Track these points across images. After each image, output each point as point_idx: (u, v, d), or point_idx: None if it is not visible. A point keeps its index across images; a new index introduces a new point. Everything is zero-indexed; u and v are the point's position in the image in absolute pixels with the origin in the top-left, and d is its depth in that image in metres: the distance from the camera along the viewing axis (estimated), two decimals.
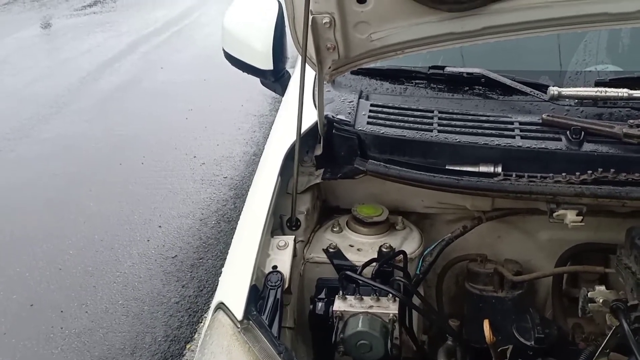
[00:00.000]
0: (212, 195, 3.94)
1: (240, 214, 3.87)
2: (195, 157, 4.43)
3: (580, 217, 1.32)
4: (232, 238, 3.64)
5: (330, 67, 1.41)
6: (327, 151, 1.55)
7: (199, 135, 4.76)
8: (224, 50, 2.06)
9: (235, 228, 3.74)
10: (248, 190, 4.10)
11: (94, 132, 4.87)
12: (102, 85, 5.89)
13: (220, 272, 3.28)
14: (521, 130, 1.43)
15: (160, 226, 3.61)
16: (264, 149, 1.80)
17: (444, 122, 1.50)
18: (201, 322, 2.89)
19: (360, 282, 1.31)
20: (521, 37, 1.29)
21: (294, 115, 1.43)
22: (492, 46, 1.37)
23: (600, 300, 1.28)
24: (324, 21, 1.30)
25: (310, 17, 1.27)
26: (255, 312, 1.18)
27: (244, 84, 4.28)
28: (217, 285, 3.30)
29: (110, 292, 3.06)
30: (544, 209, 1.41)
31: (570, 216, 1.32)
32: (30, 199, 3.93)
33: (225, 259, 3.47)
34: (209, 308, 3.02)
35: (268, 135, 4.95)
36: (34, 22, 8.58)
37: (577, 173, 1.31)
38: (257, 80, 2.18)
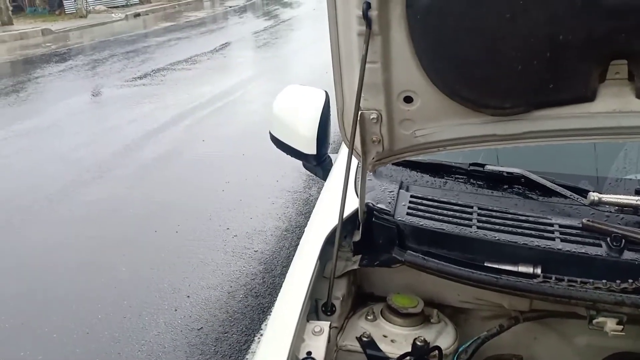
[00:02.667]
0: (242, 268, 3.96)
1: (268, 289, 3.86)
2: (228, 228, 4.50)
3: (621, 327, 1.30)
4: (258, 313, 3.61)
5: (374, 158, 1.47)
6: (366, 238, 1.58)
7: (234, 208, 4.85)
8: (270, 133, 2.15)
9: (262, 303, 3.73)
10: (278, 265, 4.11)
11: (133, 199, 5.02)
12: (145, 153, 6.13)
13: (244, 349, 3.25)
14: (561, 233, 1.44)
15: (188, 296, 3.62)
16: (297, 225, 1.84)
17: (484, 218, 1.53)
18: None
19: None
20: (562, 143, 1.33)
21: (335, 200, 1.48)
22: (534, 147, 1.41)
23: None
24: (371, 117, 1.36)
25: (359, 112, 1.34)
26: None
27: (280, 160, 4.39)
28: None
29: None
30: (582, 313, 1.39)
31: (611, 324, 1.30)
32: (65, 260, 4.03)
33: (251, 335, 3.44)
34: None
35: (300, 211, 5.02)
36: (86, 90, 9.10)
37: (618, 281, 1.30)
38: (292, 158, 2.25)
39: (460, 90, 1.27)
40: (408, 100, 1.33)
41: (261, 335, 3.19)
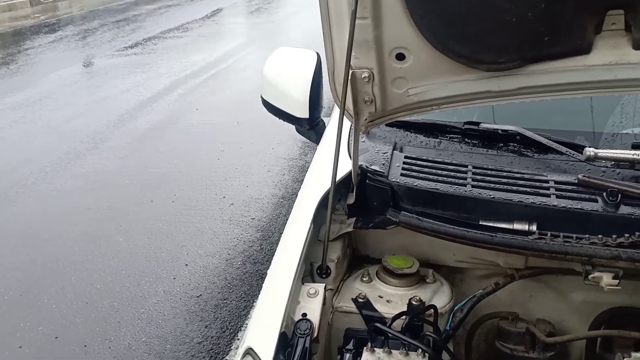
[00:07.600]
0: (239, 236, 3.97)
1: (266, 256, 3.87)
2: (224, 197, 4.49)
3: (617, 281, 1.29)
4: (256, 280, 3.62)
5: (366, 119, 1.44)
6: (360, 200, 1.57)
7: (230, 176, 4.83)
8: (262, 97, 2.12)
9: (260, 270, 3.74)
10: (275, 232, 4.11)
11: (128, 169, 5.00)
12: (139, 123, 6.06)
13: (244, 315, 3.27)
14: (556, 190, 1.43)
15: (186, 264, 3.64)
16: (294, 192, 1.83)
17: (478, 177, 1.51)
18: None
19: (390, 335, 1.29)
20: (557, 98, 1.30)
21: (328, 163, 1.46)
22: (528, 104, 1.39)
23: None
24: (363, 76, 1.33)
25: (350, 71, 1.31)
26: None
27: (275, 127, 4.37)
28: (239, 327, 3.27)
29: (134, 329, 3.08)
30: (578, 269, 1.39)
31: (606, 279, 1.30)
32: (63, 232, 4.02)
33: (249, 301, 3.46)
34: (230, 350, 3.01)
35: (297, 178, 4.99)
36: (77, 60, 8.95)
37: (614, 235, 1.29)
38: (287, 124, 2.22)
39: (453, 45, 1.23)
40: (400, 57, 1.29)
41: None
